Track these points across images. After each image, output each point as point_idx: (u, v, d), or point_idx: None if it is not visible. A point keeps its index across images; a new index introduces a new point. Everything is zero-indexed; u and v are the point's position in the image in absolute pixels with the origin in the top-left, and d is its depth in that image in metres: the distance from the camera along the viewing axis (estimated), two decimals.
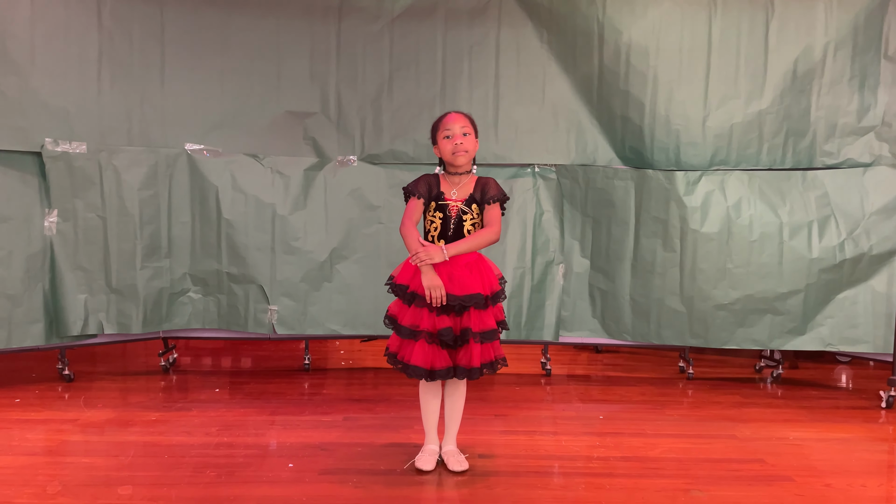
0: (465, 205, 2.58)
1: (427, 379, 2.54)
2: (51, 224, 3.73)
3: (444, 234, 2.57)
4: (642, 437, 3.12)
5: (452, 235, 2.56)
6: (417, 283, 2.54)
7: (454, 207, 2.57)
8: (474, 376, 2.53)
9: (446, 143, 2.57)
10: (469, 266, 2.55)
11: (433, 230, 2.59)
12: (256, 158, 4.04)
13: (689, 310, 3.99)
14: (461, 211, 2.57)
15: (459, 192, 2.60)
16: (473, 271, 2.55)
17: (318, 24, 4.00)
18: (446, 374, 2.54)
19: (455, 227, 2.57)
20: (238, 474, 2.59)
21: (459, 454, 2.70)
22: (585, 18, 3.96)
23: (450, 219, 2.57)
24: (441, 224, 2.57)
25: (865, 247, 3.83)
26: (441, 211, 2.58)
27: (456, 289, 2.49)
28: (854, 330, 3.87)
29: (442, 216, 2.57)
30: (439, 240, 2.57)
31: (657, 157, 4.01)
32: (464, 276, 2.52)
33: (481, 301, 2.52)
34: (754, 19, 3.90)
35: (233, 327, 4.08)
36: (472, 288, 2.51)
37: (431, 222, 2.59)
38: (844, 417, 3.50)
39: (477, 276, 2.55)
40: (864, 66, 3.87)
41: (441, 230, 2.57)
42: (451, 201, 2.58)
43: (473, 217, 2.59)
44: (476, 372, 2.52)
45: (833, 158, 3.94)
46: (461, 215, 2.57)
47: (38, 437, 2.99)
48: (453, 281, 2.50)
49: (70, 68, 3.69)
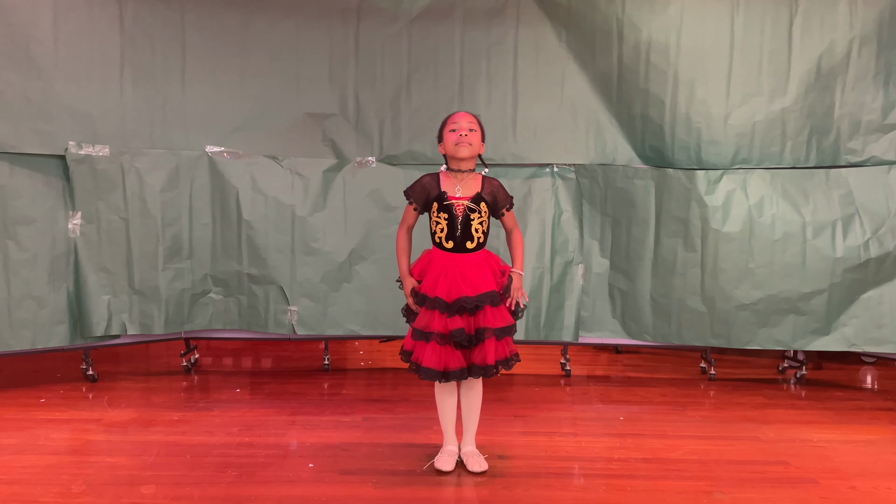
0: (473, 202, 2.54)
1: (441, 380, 2.53)
2: (74, 226, 3.78)
3: (451, 235, 2.53)
4: (663, 438, 3.09)
5: (460, 236, 2.53)
6: (426, 286, 2.54)
7: (460, 206, 2.53)
8: (489, 374, 2.52)
9: (451, 135, 2.54)
10: (479, 265, 2.55)
11: (440, 231, 2.56)
12: (276, 160, 4.06)
13: (710, 310, 3.95)
14: (468, 209, 2.53)
15: (464, 190, 2.56)
16: (484, 268, 2.55)
17: (336, 25, 4.02)
18: (460, 374, 2.53)
19: (463, 227, 2.53)
20: (259, 474, 2.61)
21: (479, 455, 2.70)
22: (604, 16, 3.94)
23: (456, 218, 2.53)
24: (447, 225, 2.54)
25: (891, 246, 3.76)
26: (446, 211, 2.54)
27: (468, 289, 2.48)
28: (879, 330, 3.81)
29: (447, 216, 2.53)
30: (447, 240, 2.54)
31: (678, 155, 3.97)
32: (475, 275, 2.51)
33: (496, 298, 2.51)
34: (777, 15, 3.85)
35: (253, 328, 4.11)
36: (484, 286, 2.50)
37: (437, 223, 2.56)
38: (870, 419, 3.44)
39: (488, 272, 2.55)
40: (889, 63, 3.81)
41: (448, 231, 2.54)
42: (455, 199, 2.54)
43: (481, 216, 2.55)
44: (490, 369, 2.51)
45: (857, 156, 3.88)
46: (468, 213, 2.53)
47: (62, 436, 3.03)
48: (465, 281, 2.49)
49: (93, 72, 3.73)
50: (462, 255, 2.54)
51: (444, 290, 2.50)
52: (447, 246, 2.54)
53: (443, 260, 2.55)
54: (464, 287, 2.49)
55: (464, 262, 2.52)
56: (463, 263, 2.52)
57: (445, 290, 2.50)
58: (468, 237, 2.54)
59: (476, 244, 2.55)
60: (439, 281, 2.52)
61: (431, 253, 2.61)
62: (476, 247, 2.55)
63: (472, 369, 2.53)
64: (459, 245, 2.53)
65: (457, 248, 2.54)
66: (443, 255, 2.55)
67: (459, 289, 2.49)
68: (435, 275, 2.54)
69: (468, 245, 2.54)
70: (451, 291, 2.49)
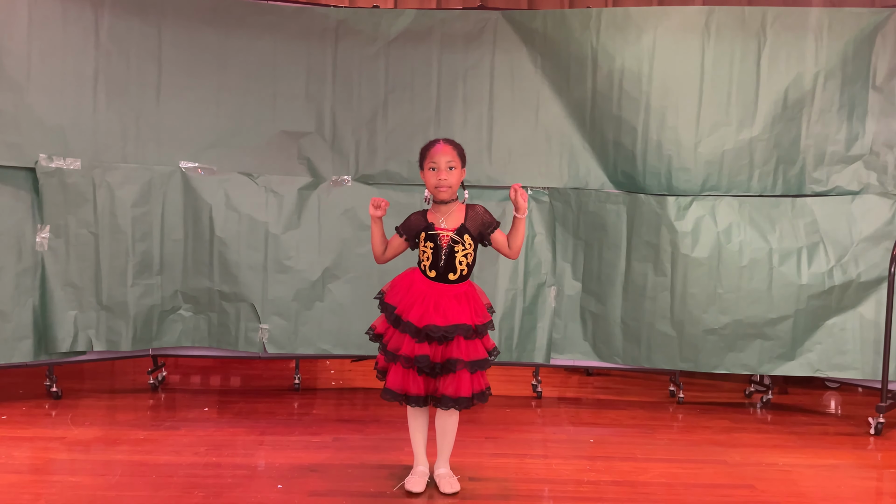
0: (457, 234, 2.58)
1: (402, 402, 2.59)
2: (42, 240, 3.72)
3: (435, 265, 2.57)
4: (632, 461, 3.12)
5: (444, 266, 2.57)
6: (404, 305, 2.56)
7: (445, 238, 2.57)
8: (462, 406, 2.54)
9: (431, 175, 2.58)
10: (458, 297, 2.57)
11: (425, 260, 2.60)
12: (251, 177, 4.05)
13: (679, 334, 4.01)
14: (452, 240, 2.57)
15: (448, 221, 2.60)
16: (462, 301, 2.57)
17: (314, 45, 4.04)
18: (422, 401, 2.56)
19: (447, 258, 2.57)
20: (226, 495, 2.57)
21: (451, 476, 2.70)
22: (579, 44, 4.01)
23: (441, 248, 2.57)
24: (432, 254, 2.58)
25: (854, 274, 3.86)
26: (431, 241, 2.58)
27: (440, 319, 2.51)
28: (843, 356, 3.88)
29: (433, 246, 2.57)
30: (431, 269, 2.58)
31: (649, 181, 4.04)
32: (451, 306, 2.54)
33: (469, 331, 2.53)
34: (746, 48, 3.95)
35: (223, 346, 4.07)
36: (457, 318, 2.53)
37: (423, 252, 2.61)
38: (833, 444, 3.50)
39: (465, 305, 2.57)
40: (852, 96, 3.92)
41: (433, 260, 2.57)
42: (440, 231, 2.58)
43: (465, 248, 2.58)
44: (464, 401, 2.54)
45: (822, 186, 3.99)
46: (452, 245, 2.56)
47: (24, 454, 2.96)
48: (438, 311, 2.52)
49: (66, 85, 3.70)
50: (442, 285, 2.58)
51: (417, 316, 2.53)
52: (430, 275, 2.59)
53: (422, 286, 2.59)
54: (435, 316, 2.52)
55: (441, 293, 2.56)
56: (440, 293, 2.56)
57: (418, 316, 2.53)
58: (451, 269, 2.57)
59: (459, 276, 2.59)
60: (414, 306, 2.55)
61: (414, 274, 2.64)
62: (458, 279, 2.59)
63: (442, 400, 2.54)
64: (442, 276, 2.58)
65: (439, 278, 2.58)
66: (424, 282, 2.60)
67: (431, 317, 2.52)
68: (412, 299, 2.57)
69: (450, 276, 2.58)
70: (423, 318, 2.53)
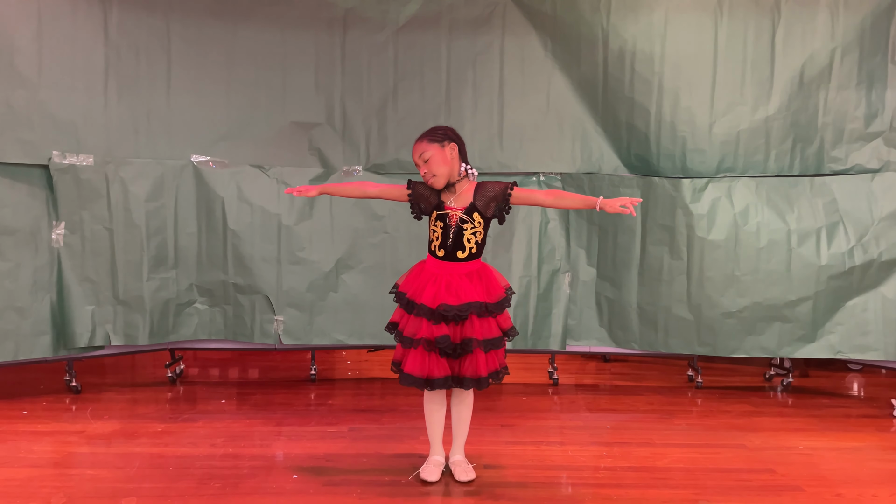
0: (466, 213, 2.58)
1: (426, 388, 2.55)
2: (58, 236, 3.75)
3: (444, 244, 2.58)
4: (650, 446, 3.09)
5: (452, 245, 2.57)
6: (415, 291, 2.57)
7: (454, 217, 2.58)
8: (482, 386, 2.54)
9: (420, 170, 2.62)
10: (470, 275, 2.58)
11: (435, 239, 2.61)
12: (262, 169, 4.05)
13: (696, 318, 3.96)
14: (461, 220, 2.58)
15: (458, 201, 2.61)
16: (474, 280, 2.58)
17: (322, 35, 4.02)
18: (444, 383, 2.53)
19: (455, 237, 2.57)
20: (242, 485, 2.59)
21: (467, 464, 2.70)
22: (589, 26, 3.96)
23: (450, 228, 2.58)
24: (441, 233, 2.59)
25: (875, 253, 3.79)
26: (441, 220, 2.59)
27: (452, 298, 2.52)
28: (864, 337, 3.82)
29: (443, 225, 2.59)
30: (440, 248, 2.58)
31: (663, 164, 3.99)
32: (462, 285, 2.55)
33: (482, 309, 2.53)
34: (760, 25, 3.88)
35: (239, 338, 4.08)
36: (470, 297, 2.53)
37: (433, 231, 2.61)
38: (856, 426, 3.45)
39: (478, 284, 2.57)
40: (871, 71, 3.84)
41: (441, 239, 2.59)
42: (450, 210, 2.59)
43: (474, 226, 2.59)
44: (483, 381, 2.53)
45: (841, 164, 3.91)
46: (461, 224, 2.58)
47: (44, 448, 2.99)
48: (450, 291, 2.53)
49: (77, 81, 3.71)
50: (452, 263, 2.58)
51: (430, 297, 2.54)
52: (439, 254, 2.59)
53: (433, 268, 2.60)
54: (447, 296, 2.52)
55: (452, 271, 2.56)
56: (451, 272, 2.56)
57: (431, 297, 2.54)
58: (459, 247, 2.57)
59: (467, 254, 2.58)
60: (426, 288, 2.56)
61: (426, 262, 2.66)
62: (467, 257, 2.58)
63: (463, 381, 2.54)
64: (450, 254, 2.57)
65: (447, 257, 2.58)
66: (434, 263, 2.60)
67: (443, 297, 2.52)
68: (423, 281, 2.58)
69: (459, 254, 2.57)
70: (436, 298, 2.53)
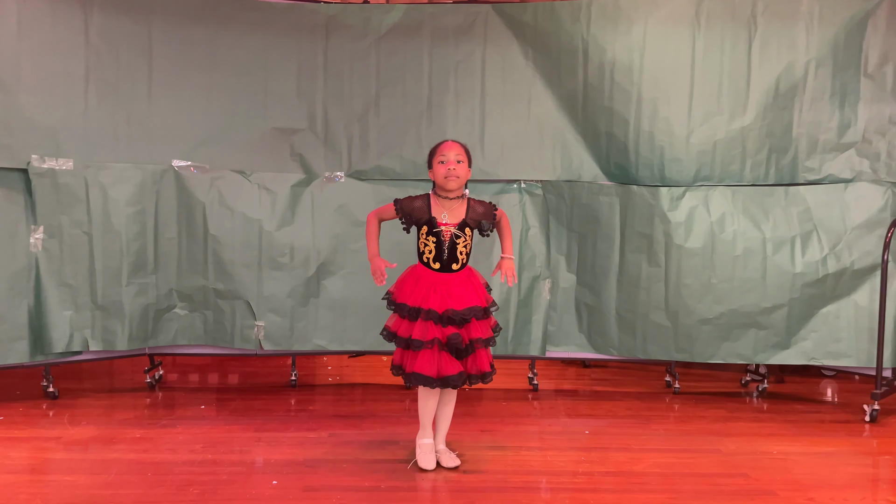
0: (458, 229, 2.78)
1: (439, 386, 2.73)
2: (36, 241, 3.72)
3: (439, 258, 2.77)
4: (628, 451, 3.13)
5: (447, 259, 2.77)
6: (418, 299, 2.74)
7: (447, 232, 2.77)
8: (487, 379, 2.80)
9: (440, 167, 2.77)
10: (464, 283, 2.79)
11: (428, 253, 2.79)
12: (243, 175, 4.05)
13: (674, 324, 4.01)
14: (454, 235, 2.77)
15: (451, 216, 2.80)
16: (468, 286, 2.80)
17: (305, 41, 4.03)
18: (460, 378, 2.73)
19: (449, 251, 2.78)
20: (221, 492, 2.58)
21: (451, 452, 2.94)
22: (570, 36, 4.01)
23: (443, 243, 2.77)
24: (435, 248, 2.77)
25: (847, 261, 3.86)
26: (434, 236, 2.77)
27: (456, 304, 2.72)
28: (837, 344, 3.89)
29: (436, 241, 2.77)
30: (435, 261, 2.77)
31: (642, 172, 4.04)
32: (461, 291, 2.76)
33: (480, 312, 2.76)
34: (737, 37, 3.94)
35: (219, 343, 4.07)
36: (470, 301, 2.75)
37: (426, 245, 2.79)
38: (829, 431, 3.51)
39: (471, 289, 2.80)
40: (844, 84, 3.92)
41: (436, 253, 2.77)
42: (443, 226, 2.77)
43: (466, 240, 2.80)
44: (488, 376, 2.80)
45: (815, 174, 3.98)
46: (454, 239, 2.77)
47: (21, 455, 2.97)
48: (454, 297, 2.74)
49: (57, 85, 3.69)
50: (448, 274, 2.79)
51: (437, 303, 2.74)
52: (434, 266, 2.80)
53: (430, 278, 2.78)
54: (451, 302, 2.72)
55: (449, 280, 2.78)
56: (449, 281, 2.78)
57: (437, 303, 2.74)
58: (454, 260, 2.80)
59: (461, 265, 2.82)
60: (430, 295, 2.75)
61: (417, 270, 2.82)
62: (460, 267, 2.82)
63: (471, 378, 2.77)
64: (446, 266, 2.80)
65: (443, 269, 2.80)
66: (430, 274, 2.79)
67: (448, 303, 2.72)
68: (425, 290, 2.76)
69: (453, 266, 2.80)
70: (443, 304, 2.74)
